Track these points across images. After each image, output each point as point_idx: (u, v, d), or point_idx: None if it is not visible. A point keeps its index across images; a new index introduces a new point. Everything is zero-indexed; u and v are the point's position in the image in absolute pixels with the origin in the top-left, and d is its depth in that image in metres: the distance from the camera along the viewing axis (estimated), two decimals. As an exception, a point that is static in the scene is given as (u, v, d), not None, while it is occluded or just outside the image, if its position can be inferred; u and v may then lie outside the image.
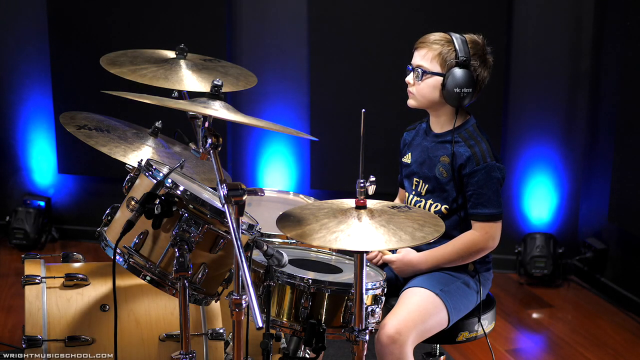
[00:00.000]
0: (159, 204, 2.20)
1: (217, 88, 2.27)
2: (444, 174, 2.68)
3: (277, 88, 4.70)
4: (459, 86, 2.61)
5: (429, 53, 2.66)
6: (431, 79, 2.66)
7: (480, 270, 2.73)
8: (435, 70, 2.65)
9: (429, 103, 2.71)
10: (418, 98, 2.71)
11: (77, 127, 2.70)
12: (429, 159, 2.73)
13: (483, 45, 2.69)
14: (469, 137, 2.68)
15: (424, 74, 2.66)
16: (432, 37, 2.68)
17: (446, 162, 2.68)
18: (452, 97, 2.63)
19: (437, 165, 2.70)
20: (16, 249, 4.77)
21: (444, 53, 2.64)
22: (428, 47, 2.67)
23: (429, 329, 2.58)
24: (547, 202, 4.63)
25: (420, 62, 2.68)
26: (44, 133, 4.88)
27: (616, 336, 3.99)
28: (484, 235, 2.64)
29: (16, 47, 4.82)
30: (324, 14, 4.57)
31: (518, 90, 4.57)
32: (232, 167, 4.84)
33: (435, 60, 2.65)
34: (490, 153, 2.65)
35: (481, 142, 2.66)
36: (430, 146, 2.74)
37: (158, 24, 4.62)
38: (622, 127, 4.22)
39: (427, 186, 2.72)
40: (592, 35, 4.42)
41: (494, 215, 2.64)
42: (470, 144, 2.66)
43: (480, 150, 2.65)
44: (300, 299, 2.32)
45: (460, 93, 2.62)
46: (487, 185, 2.63)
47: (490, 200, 2.63)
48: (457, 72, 2.61)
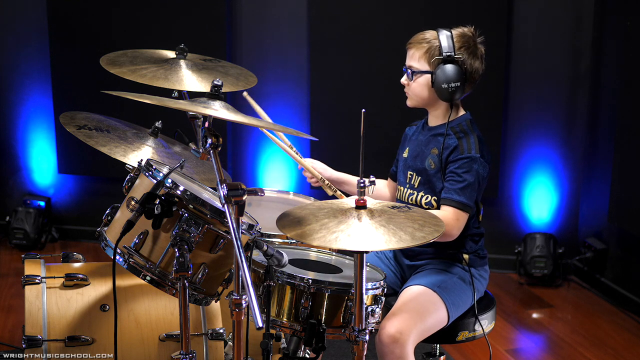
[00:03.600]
0: (159, 204, 2.20)
1: (217, 88, 2.27)
2: (432, 166, 2.70)
3: (277, 88, 4.70)
4: (447, 81, 2.63)
5: (417, 52, 2.70)
6: (421, 77, 2.70)
7: (475, 265, 2.74)
8: (423, 68, 2.69)
9: (423, 101, 2.74)
10: (413, 97, 2.75)
11: (77, 127, 2.70)
12: (421, 152, 2.76)
13: (472, 36, 2.70)
14: (459, 130, 2.70)
15: (414, 74, 2.70)
16: (420, 36, 2.71)
17: (435, 153, 2.70)
18: (442, 92, 2.65)
19: (427, 158, 2.72)
20: (16, 249, 4.77)
21: (430, 51, 2.67)
22: (415, 46, 2.71)
23: (429, 328, 2.58)
24: (547, 202, 4.63)
25: (410, 62, 2.73)
26: (44, 133, 4.88)
27: (616, 336, 3.99)
28: (454, 221, 2.60)
29: (16, 47, 4.82)
30: (324, 14, 4.57)
31: (518, 90, 4.57)
32: (232, 167, 4.84)
33: (423, 59, 2.68)
34: (477, 147, 2.65)
35: (470, 136, 2.68)
36: (424, 139, 2.77)
37: (158, 24, 4.62)
38: (622, 127, 4.22)
39: (420, 179, 2.74)
40: (592, 35, 4.42)
41: (465, 205, 2.61)
42: (459, 136, 2.68)
43: (467, 142, 2.66)
44: (300, 299, 2.32)
45: (449, 88, 2.64)
46: (466, 175, 2.62)
47: (465, 190, 2.61)
48: (443, 68, 2.64)
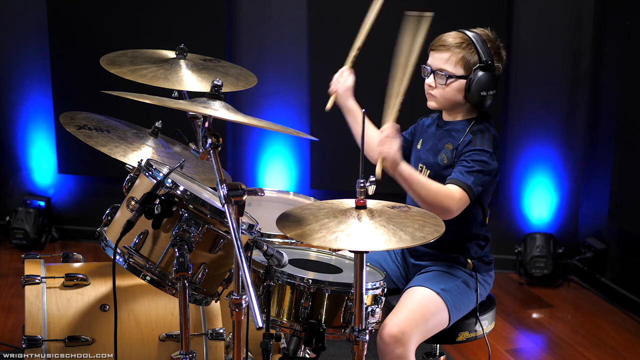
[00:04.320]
0: (159, 204, 2.20)
1: (217, 88, 2.27)
2: (445, 161, 2.68)
3: (277, 88, 4.69)
4: (483, 89, 2.61)
5: (452, 57, 2.64)
6: (456, 82, 2.65)
7: (480, 270, 2.73)
8: (459, 73, 2.64)
9: (451, 105, 2.70)
10: (441, 100, 2.70)
11: (77, 127, 2.70)
12: (435, 146, 2.73)
13: (495, 39, 2.68)
14: (477, 129, 2.66)
15: (449, 78, 2.65)
16: (452, 40, 2.65)
17: (449, 148, 2.67)
18: (476, 99, 2.63)
19: (440, 152, 2.70)
20: (16, 249, 4.77)
21: (467, 56, 2.63)
22: (450, 51, 2.64)
23: (430, 329, 2.58)
24: (547, 202, 4.63)
25: (444, 65, 2.65)
26: (44, 133, 4.88)
27: (616, 336, 3.99)
28: (458, 201, 2.54)
29: (16, 47, 4.82)
30: (324, 14, 4.57)
31: (518, 90, 4.57)
32: (232, 167, 4.83)
33: (460, 64, 2.64)
34: (491, 144, 2.62)
35: (485, 133, 2.65)
36: (439, 133, 2.74)
37: (158, 24, 4.61)
38: (622, 127, 4.22)
39: (429, 172, 2.72)
40: (592, 35, 4.42)
41: (469, 188, 2.55)
42: (474, 132, 2.65)
43: (481, 138, 2.63)
44: (300, 299, 2.32)
45: (486, 96, 2.62)
46: (475, 163, 2.58)
47: (471, 174, 2.56)
48: (481, 76, 2.61)
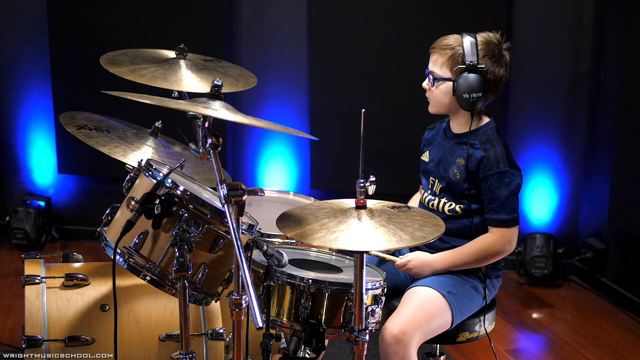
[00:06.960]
0: (159, 204, 2.20)
1: (217, 88, 2.27)
2: (458, 176, 2.67)
3: (277, 88, 4.69)
4: (468, 91, 2.59)
5: (440, 58, 2.65)
6: (443, 84, 2.65)
7: (490, 276, 2.72)
8: (445, 75, 2.64)
9: (445, 108, 2.70)
10: (434, 103, 2.71)
11: (77, 127, 2.70)
12: (445, 159, 2.72)
13: (497, 43, 2.66)
14: (485, 140, 2.65)
15: (436, 80, 2.66)
16: (444, 42, 2.65)
17: (461, 164, 2.66)
18: (463, 102, 2.62)
19: (452, 167, 2.68)
20: (16, 249, 4.76)
21: (453, 58, 2.62)
22: (439, 52, 2.65)
23: (433, 330, 2.58)
24: (547, 202, 4.63)
25: (432, 67, 2.67)
26: (44, 133, 4.88)
27: (616, 336, 3.98)
28: (500, 239, 2.62)
29: (16, 47, 4.82)
30: (324, 14, 4.57)
31: (518, 90, 4.56)
32: (232, 167, 4.83)
33: (446, 66, 2.63)
34: (505, 159, 2.62)
35: (497, 147, 2.64)
36: (448, 146, 2.73)
37: (158, 24, 4.61)
38: (622, 127, 4.21)
39: (442, 185, 2.71)
40: (592, 35, 4.42)
41: (506, 221, 2.62)
42: (485, 147, 2.64)
43: (494, 154, 2.62)
44: (300, 299, 2.32)
45: (470, 98, 2.60)
46: (499, 191, 2.61)
47: (502, 206, 2.61)
48: (466, 77, 2.59)
